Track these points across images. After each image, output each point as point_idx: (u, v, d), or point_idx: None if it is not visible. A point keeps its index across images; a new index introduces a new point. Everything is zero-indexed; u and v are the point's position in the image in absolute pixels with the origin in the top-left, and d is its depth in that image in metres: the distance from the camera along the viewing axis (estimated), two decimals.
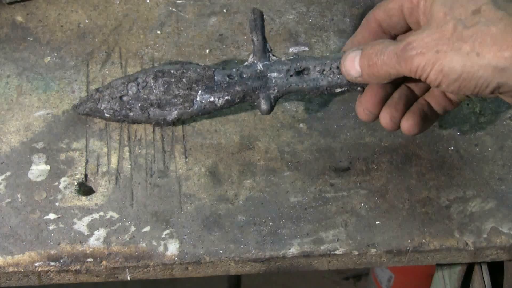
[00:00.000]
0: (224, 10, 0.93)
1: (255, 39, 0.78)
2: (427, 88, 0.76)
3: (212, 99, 0.78)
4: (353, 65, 0.73)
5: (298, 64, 0.77)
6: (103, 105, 0.80)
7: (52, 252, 0.75)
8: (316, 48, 0.90)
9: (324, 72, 0.77)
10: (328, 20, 0.92)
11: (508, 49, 0.64)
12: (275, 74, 0.78)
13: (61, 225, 0.76)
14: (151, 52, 0.89)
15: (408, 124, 0.75)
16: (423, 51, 0.67)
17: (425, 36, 0.67)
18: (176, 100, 0.79)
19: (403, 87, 0.76)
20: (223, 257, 0.75)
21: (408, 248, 0.76)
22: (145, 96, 0.79)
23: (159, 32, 0.91)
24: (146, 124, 0.82)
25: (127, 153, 0.81)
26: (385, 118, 0.75)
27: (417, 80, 0.72)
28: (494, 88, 0.67)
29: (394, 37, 0.76)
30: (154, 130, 0.83)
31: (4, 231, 0.76)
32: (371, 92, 0.75)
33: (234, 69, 0.79)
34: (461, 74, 0.66)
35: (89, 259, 0.75)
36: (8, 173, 0.79)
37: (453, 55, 0.66)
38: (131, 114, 0.80)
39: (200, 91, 0.79)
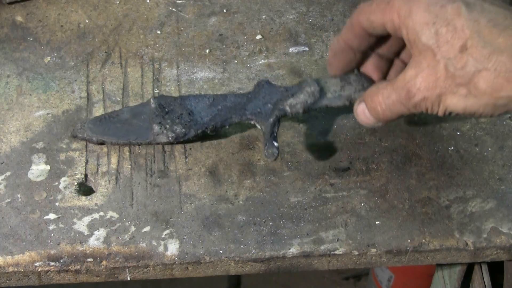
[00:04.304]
0: (224, 10, 0.93)
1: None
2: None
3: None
4: (366, 117, 0.75)
5: None
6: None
7: (52, 252, 0.75)
8: (316, 48, 0.90)
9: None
10: (328, 20, 0.92)
11: (503, 89, 0.65)
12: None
13: (61, 225, 0.76)
14: (151, 52, 0.89)
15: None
16: (426, 96, 0.69)
17: (421, 80, 0.68)
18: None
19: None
20: (223, 257, 0.75)
21: (408, 248, 0.76)
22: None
23: (159, 32, 0.91)
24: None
25: (127, 153, 0.81)
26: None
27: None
28: (500, 114, 0.68)
29: (380, 38, 0.76)
30: None
31: (4, 231, 0.76)
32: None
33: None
34: (464, 111, 0.68)
35: (89, 259, 0.75)
36: (8, 173, 0.79)
37: (452, 98, 0.68)
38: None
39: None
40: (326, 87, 0.79)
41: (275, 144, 0.77)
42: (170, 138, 0.79)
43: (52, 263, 0.74)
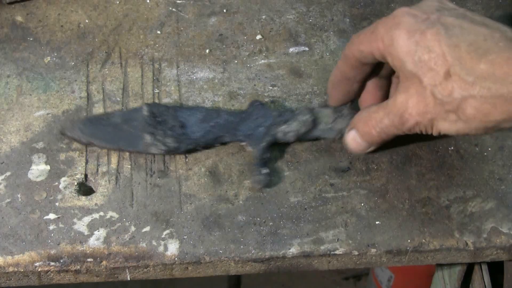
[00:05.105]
0: (224, 10, 0.93)
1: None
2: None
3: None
4: (358, 143, 0.77)
5: None
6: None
7: (52, 252, 0.75)
8: (316, 48, 0.90)
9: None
10: (328, 20, 0.92)
11: (490, 114, 0.66)
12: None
13: (61, 225, 0.76)
14: (151, 52, 0.89)
15: None
16: (418, 121, 0.70)
17: (412, 106, 0.70)
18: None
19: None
20: (223, 257, 0.75)
21: (408, 248, 0.76)
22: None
23: (159, 32, 0.91)
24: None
25: (127, 153, 0.81)
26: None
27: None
28: (493, 132, 0.70)
29: (375, 66, 0.77)
30: None
31: (4, 231, 0.76)
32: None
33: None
34: (457, 133, 0.70)
35: (89, 259, 0.75)
36: (8, 173, 0.79)
37: (444, 123, 0.70)
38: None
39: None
40: (319, 118, 0.81)
41: (263, 171, 0.78)
42: (161, 151, 0.79)
43: (52, 263, 0.74)
